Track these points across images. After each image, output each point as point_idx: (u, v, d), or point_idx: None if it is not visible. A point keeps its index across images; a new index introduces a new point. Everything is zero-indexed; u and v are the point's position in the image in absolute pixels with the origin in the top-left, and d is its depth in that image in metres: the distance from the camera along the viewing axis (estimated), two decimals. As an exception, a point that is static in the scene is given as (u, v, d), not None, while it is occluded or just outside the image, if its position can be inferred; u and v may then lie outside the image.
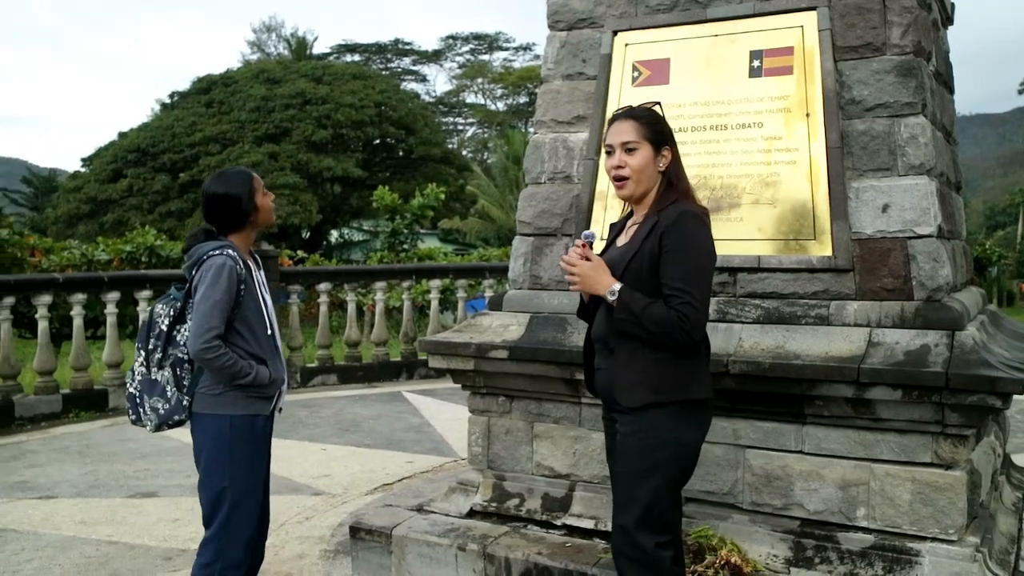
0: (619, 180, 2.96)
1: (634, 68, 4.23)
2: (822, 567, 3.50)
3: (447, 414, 8.25)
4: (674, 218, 2.80)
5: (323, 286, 10.66)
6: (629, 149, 2.92)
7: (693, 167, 3.98)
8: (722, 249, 3.84)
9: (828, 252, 3.71)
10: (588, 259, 2.92)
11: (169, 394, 3.38)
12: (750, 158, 3.91)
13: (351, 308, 10.74)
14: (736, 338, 3.73)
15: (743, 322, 3.81)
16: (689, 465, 2.96)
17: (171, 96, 35.48)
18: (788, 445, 3.66)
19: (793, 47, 3.89)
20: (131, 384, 3.41)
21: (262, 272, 3.58)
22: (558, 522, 4.04)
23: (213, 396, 3.35)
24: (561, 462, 4.14)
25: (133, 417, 3.42)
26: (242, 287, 3.32)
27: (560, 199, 4.33)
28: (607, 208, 4.18)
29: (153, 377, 3.38)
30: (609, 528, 3.88)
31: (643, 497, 2.86)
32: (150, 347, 3.37)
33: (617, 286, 2.81)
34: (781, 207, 3.83)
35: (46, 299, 8.54)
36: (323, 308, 10.76)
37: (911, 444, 3.44)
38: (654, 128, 2.95)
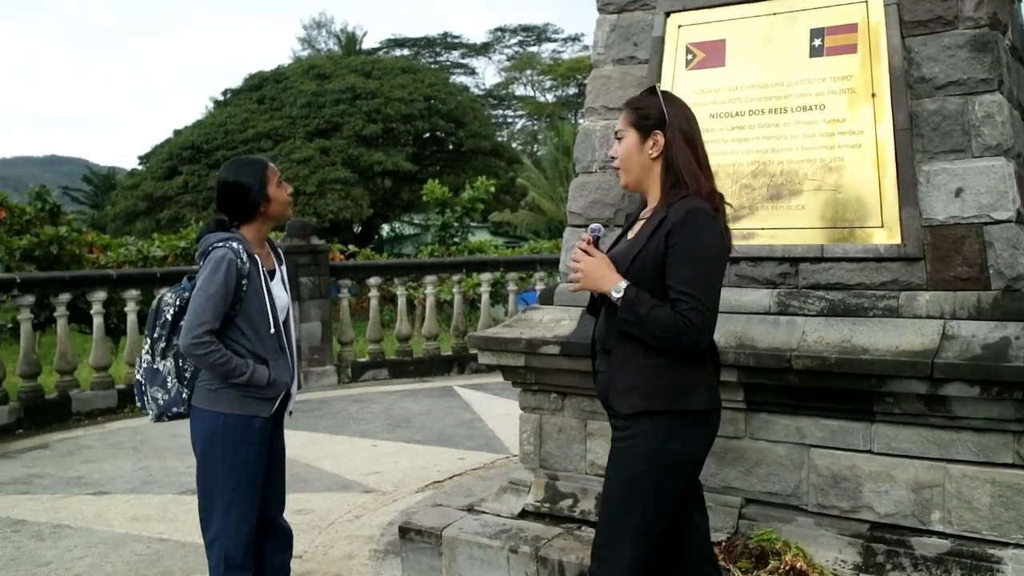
0: (616, 170, 2.87)
1: (688, 50, 4.06)
2: (894, 574, 3.31)
3: (499, 409, 8.14)
4: (682, 216, 2.60)
5: (373, 280, 10.62)
6: (619, 138, 2.82)
7: (751, 153, 3.83)
8: (783, 238, 3.70)
9: (897, 240, 3.51)
10: (591, 255, 2.74)
11: (169, 385, 3.29)
12: (812, 142, 3.72)
13: (401, 302, 10.69)
14: (799, 332, 3.55)
15: (806, 315, 3.62)
16: (684, 478, 2.75)
17: (224, 93, 35.89)
18: (856, 444, 3.47)
19: (857, 24, 3.69)
20: (138, 371, 3.34)
21: (283, 266, 3.47)
22: (613, 523, 3.90)
23: (210, 391, 3.25)
24: (615, 461, 3.99)
25: (139, 404, 3.36)
26: (244, 282, 3.19)
27: (612, 188, 4.17)
28: (661, 197, 4.02)
29: (156, 366, 3.29)
30: (666, 530, 3.76)
31: (636, 515, 2.69)
32: (155, 335, 3.29)
33: (623, 284, 2.63)
34: (845, 193, 3.63)
35: (100, 295, 8.62)
36: (373, 303, 10.72)
37: (990, 444, 3.23)
38: (640, 112, 2.77)
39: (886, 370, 3.25)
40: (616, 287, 2.63)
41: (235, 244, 3.23)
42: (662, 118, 2.73)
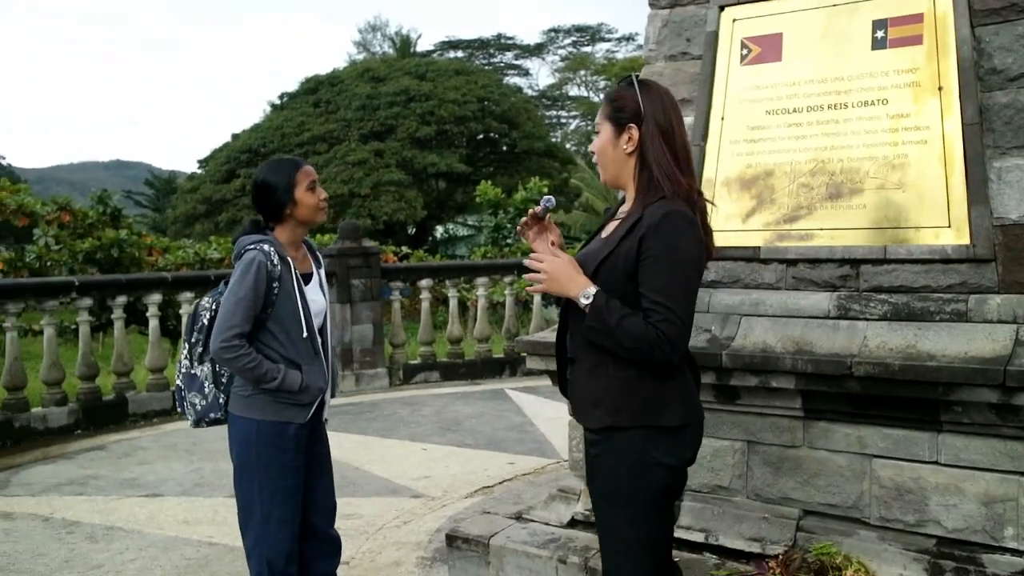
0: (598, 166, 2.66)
1: (743, 45, 3.92)
2: (963, 592, 3.14)
3: (550, 412, 8.03)
4: (658, 219, 2.38)
5: (424, 282, 10.59)
6: (595, 132, 2.63)
7: (810, 150, 3.68)
8: (843, 239, 3.54)
9: (965, 241, 3.33)
10: (556, 256, 2.53)
11: (207, 390, 3.27)
12: (874, 139, 3.56)
13: (453, 304, 10.65)
14: (860, 337, 3.40)
15: (867, 319, 3.46)
16: (672, 485, 2.54)
17: (280, 97, 36.32)
18: (921, 455, 3.30)
19: (923, 14, 3.52)
20: (177, 376, 3.33)
21: (322, 270, 3.41)
22: (665, 534, 3.78)
23: (244, 398, 3.20)
24: (668, 469, 3.87)
25: (180, 410, 3.36)
26: (275, 285, 3.13)
27: (664, 188, 4.05)
28: (715, 197, 3.89)
29: (193, 371, 3.27)
30: (722, 542, 3.63)
31: (627, 535, 2.52)
32: (192, 340, 3.26)
33: (592, 290, 2.41)
34: (910, 192, 3.47)
35: (156, 298, 8.71)
36: (425, 305, 10.69)
37: (1067, 456, 3.04)
38: (615, 105, 2.55)
39: (955, 378, 3.09)
40: (584, 293, 2.42)
41: (266, 246, 3.18)
42: (637, 110, 2.50)
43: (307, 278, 3.31)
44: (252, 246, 3.18)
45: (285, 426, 3.21)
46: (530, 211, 2.64)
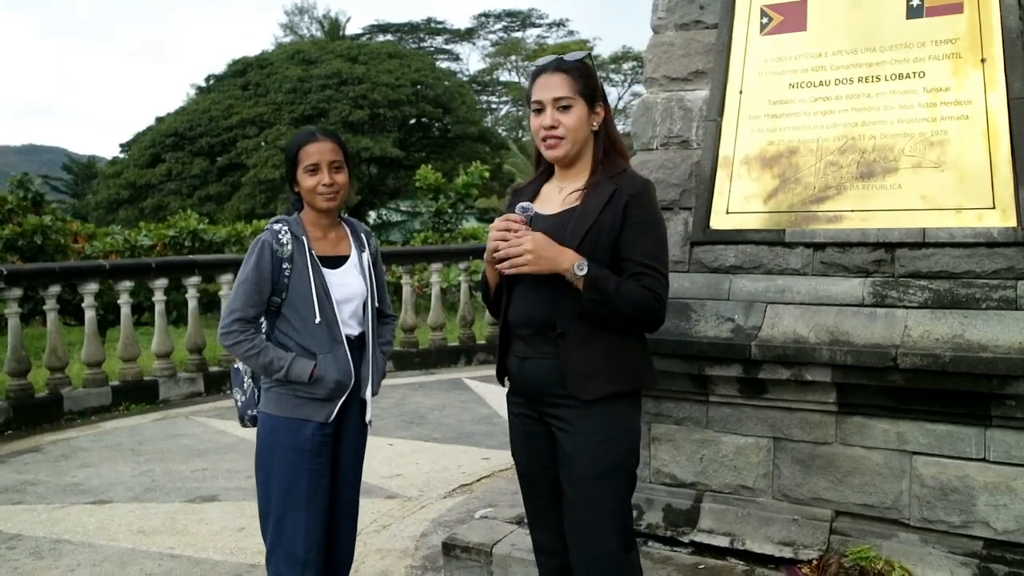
0: (551, 140, 2.60)
1: (763, 13, 3.66)
2: (1020, 598, 2.95)
3: (515, 404, 7.73)
4: (639, 188, 2.54)
5: (376, 269, 10.18)
6: (563, 107, 2.57)
7: (839, 126, 3.44)
8: (876, 221, 3.32)
9: (1012, 223, 3.13)
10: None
11: (245, 385, 3.08)
12: (909, 114, 3.34)
13: (407, 292, 10.25)
14: (900, 326, 3.17)
15: (907, 306, 3.24)
16: (639, 453, 2.70)
17: (207, 80, 35.20)
18: (967, 452, 3.09)
19: (963, -20, 3.29)
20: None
21: (365, 253, 3.10)
22: (685, 539, 3.52)
23: (265, 391, 3.01)
24: (685, 469, 3.61)
25: None
26: (285, 267, 2.90)
27: (677, 167, 3.77)
28: (733, 176, 3.63)
29: (237, 365, 3.09)
30: (748, 547, 3.38)
31: (615, 508, 2.57)
32: None
33: (584, 263, 2.44)
34: (950, 171, 3.25)
35: (93, 287, 8.13)
36: (376, 292, 10.27)
37: None
38: (587, 83, 2.59)
39: (1012, 369, 2.88)
40: (578, 265, 2.43)
41: (277, 226, 2.97)
42: (601, 89, 2.65)
43: (338, 261, 3.03)
44: (268, 226, 2.97)
45: (302, 424, 2.94)
46: (515, 216, 2.53)
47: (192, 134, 30.28)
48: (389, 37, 52.45)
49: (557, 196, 2.65)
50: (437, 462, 6.04)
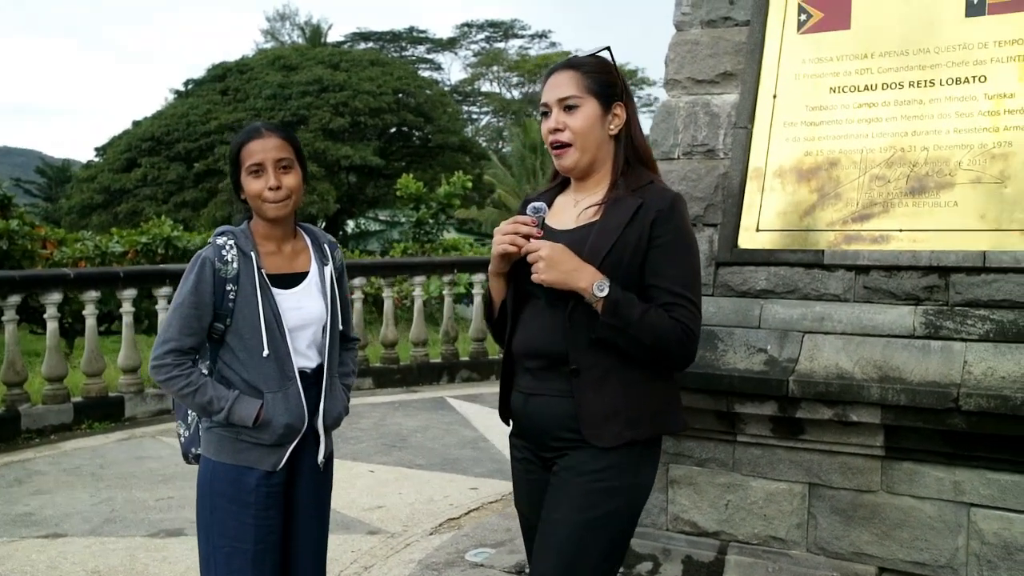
0: (559, 148, 2.27)
1: (800, 10, 3.30)
2: (1102, 678, 2.58)
3: (502, 426, 7.22)
4: (668, 204, 2.20)
5: (357, 281, 9.74)
6: (568, 107, 2.25)
7: (886, 136, 3.08)
8: (928, 243, 2.96)
9: (1087, 246, 2.78)
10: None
11: (190, 419, 2.63)
12: (968, 123, 2.99)
13: (388, 305, 9.82)
14: (959, 361, 2.80)
15: (965, 339, 2.87)
16: (640, 512, 2.32)
17: (186, 84, 34.69)
18: (1037, 506, 2.73)
19: (1031, -26, 2.95)
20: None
21: (328, 267, 2.62)
22: (708, 596, 3.13)
23: (205, 431, 2.54)
24: (708, 516, 3.23)
25: None
26: (230, 288, 2.44)
27: (702, 178, 3.40)
28: (764, 190, 3.26)
29: None
30: (783, 609, 3.00)
31: (602, 564, 2.21)
32: None
33: (606, 283, 2.11)
34: (1014, 187, 2.90)
35: (56, 297, 7.64)
36: (357, 306, 9.83)
37: None
38: (600, 79, 2.26)
39: (1096, 415, 2.52)
40: (599, 285, 2.11)
41: (221, 239, 2.50)
42: (621, 87, 2.29)
43: (293, 279, 2.55)
44: (211, 240, 2.49)
45: (245, 472, 2.48)
46: (526, 219, 2.22)
47: (169, 139, 29.76)
48: (371, 45, 52.14)
49: (572, 210, 2.30)
50: (422, 492, 5.62)
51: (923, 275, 3.00)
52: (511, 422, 2.42)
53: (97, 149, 34.57)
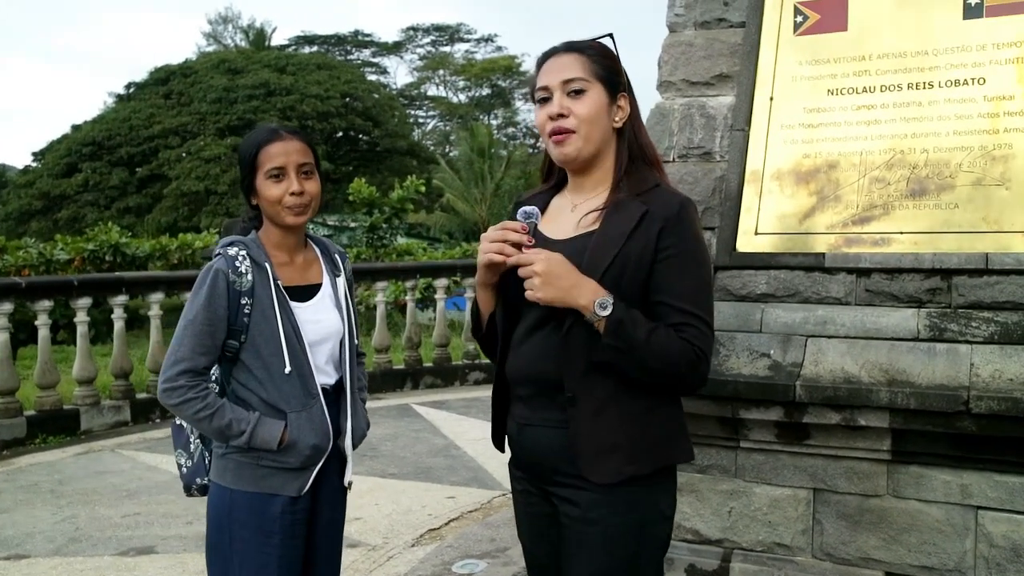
0: (560, 134, 2.04)
1: (797, 11, 3.28)
2: None
3: (473, 433, 7.26)
4: (676, 210, 1.98)
5: (317, 288, 9.59)
6: (574, 91, 2.03)
7: (885, 138, 3.07)
8: (930, 245, 2.95)
9: (1089, 248, 2.79)
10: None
11: (192, 447, 2.48)
12: (967, 125, 2.98)
13: (349, 312, 9.68)
14: (965, 364, 2.80)
15: (970, 342, 2.87)
16: (668, 543, 2.13)
17: (127, 87, 34.01)
18: (1045, 507, 2.73)
19: (1029, -24, 2.97)
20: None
21: (341, 278, 2.53)
22: (714, 605, 3.09)
23: (219, 457, 2.40)
24: (710, 524, 3.18)
25: None
26: (245, 302, 2.31)
27: (698, 182, 3.36)
28: (763, 193, 3.23)
29: (179, 421, 2.47)
30: (791, 617, 2.96)
31: None
32: None
33: (609, 300, 1.90)
34: (1016, 188, 2.90)
35: (6, 307, 7.36)
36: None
37: None
38: (607, 65, 2.06)
39: (1108, 416, 2.52)
40: (601, 303, 1.89)
41: (233, 250, 2.36)
42: (624, 77, 2.09)
43: (308, 291, 2.44)
44: (220, 249, 2.36)
45: (269, 500, 2.35)
46: (517, 227, 1.99)
47: (111, 143, 29.16)
48: (316, 49, 51.63)
49: (569, 216, 2.09)
50: (398, 502, 5.51)
51: (925, 277, 2.99)
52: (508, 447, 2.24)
53: (35, 154, 33.74)
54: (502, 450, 2.26)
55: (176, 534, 4.95)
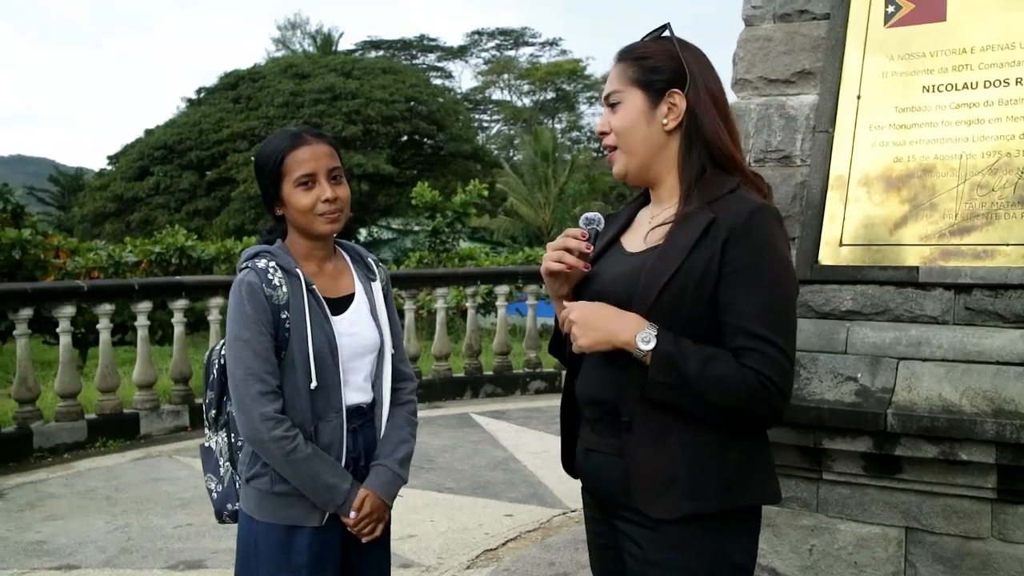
0: (609, 152, 1.94)
1: (888, 1, 2.99)
2: None
3: (533, 445, 7.04)
4: (745, 217, 1.76)
5: (377, 293, 9.47)
6: (612, 104, 1.91)
7: (989, 139, 2.76)
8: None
9: None
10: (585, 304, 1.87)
11: (222, 471, 2.34)
12: (1085, 125, 2.67)
13: (409, 318, 9.53)
14: (1083, 393, 2.48)
15: (1088, 368, 2.55)
16: None
17: (198, 92, 34.67)
18: None
19: None
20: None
21: (376, 283, 2.35)
22: (793, 653, 2.82)
23: (245, 484, 2.24)
24: (789, 562, 2.91)
25: None
26: (284, 316, 2.14)
27: (777, 188, 3.08)
28: (848, 200, 2.95)
29: (208, 443, 2.35)
30: (881, 670, 2.68)
31: None
32: (207, 401, 2.32)
33: (652, 331, 1.73)
34: None
35: (68, 310, 7.38)
36: (377, 318, 9.56)
37: None
38: (647, 64, 1.87)
39: None
40: (642, 336, 1.73)
41: (262, 261, 2.19)
42: (680, 71, 1.85)
43: (341, 303, 2.26)
44: (246, 262, 2.20)
45: (294, 533, 2.17)
46: (578, 234, 1.87)
47: (181, 147, 29.74)
48: (381, 53, 52.09)
49: (646, 228, 1.93)
50: (454, 519, 5.32)
51: (1042, 303, 2.68)
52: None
53: (110, 157, 34.59)
54: (573, 475, 2.07)
55: (227, 547, 4.82)
